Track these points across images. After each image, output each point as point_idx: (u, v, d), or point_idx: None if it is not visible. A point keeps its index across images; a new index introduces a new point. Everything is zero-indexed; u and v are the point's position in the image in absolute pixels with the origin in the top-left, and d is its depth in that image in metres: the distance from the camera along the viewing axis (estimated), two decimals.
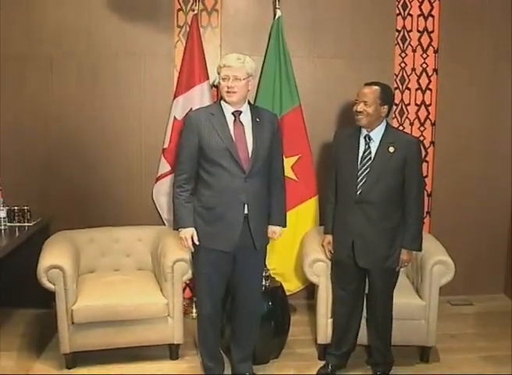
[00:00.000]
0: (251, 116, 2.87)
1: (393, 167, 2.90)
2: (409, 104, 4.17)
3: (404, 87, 4.15)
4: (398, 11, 4.07)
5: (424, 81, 4.15)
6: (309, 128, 3.90)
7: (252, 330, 3.09)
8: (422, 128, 4.20)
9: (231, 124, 2.83)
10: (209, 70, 3.79)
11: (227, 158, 2.77)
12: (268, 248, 3.09)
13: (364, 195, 2.91)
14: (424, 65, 4.14)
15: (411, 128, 4.17)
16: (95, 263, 3.62)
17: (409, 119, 4.18)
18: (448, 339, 3.61)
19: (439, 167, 4.23)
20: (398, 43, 4.10)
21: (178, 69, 3.89)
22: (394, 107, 4.03)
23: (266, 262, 3.16)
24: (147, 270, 3.64)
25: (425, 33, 4.10)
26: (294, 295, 3.98)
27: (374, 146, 2.94)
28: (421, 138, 4.15)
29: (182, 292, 3.32)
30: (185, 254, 3.19)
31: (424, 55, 4.13)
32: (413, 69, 4.13)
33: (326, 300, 3.27)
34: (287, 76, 3.84)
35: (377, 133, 2.95)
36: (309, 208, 3.92)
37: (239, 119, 2.85)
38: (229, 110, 2.84)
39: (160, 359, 3.30)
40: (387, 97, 2.95)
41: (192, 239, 2.85)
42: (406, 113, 4.17)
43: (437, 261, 3.25)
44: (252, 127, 2.85)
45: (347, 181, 2.98)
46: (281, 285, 3.46)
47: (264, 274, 3.23)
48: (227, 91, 2.78)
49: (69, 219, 3.88)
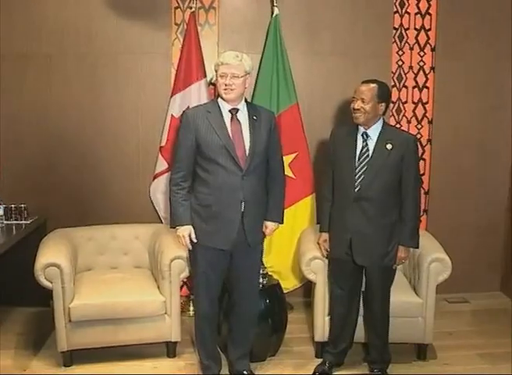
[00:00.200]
0: (248, 114, 2.87)
1: (391, 164, 2.90)
2: (406, 102, 4.17)
3: (401, 85, 4.15)
4: (395, 9, 4.07)
5: (421, 79, 4.15)
6: (306, 126, 3.91)
7: (249, 328, 3.09)
8: (419, 126, 4.20)
9: (228, 122, 2.83)
10: (206, 68, 3.79)
11: (224, 155, 2.77)
12: (266, 246, 3.09)
13: (363, 192, 2.91)
14: (421, 63, 4.14)
15: (408, 126, 4.18)
16: (92, 261, 3.61)
17: (406, 117, 4.18)
18: (445, 336, 3.61)
19: (436, 165, 4.24)
20: (395, 41, 4.10)
21: (175, 66, 3.89)
22: (391, 105, 4.05)
23: (263, 260, 3.16)
24: (144, 268, 3.63)
25: (423, 31, 4.10)
26: (291, 293, 3.98)
27: (371, 143, 2.94)
28: (418, 136, 4.15)
29: (179, 290, 3.32)
30: (182, 252, 3.19)
31: (421, 53, 4.12)
32: (410, 67, 4.13)
33: (323, 298, 3.28)
34: (284, 73, 3.84)
35: (374, 130, 2.95)
36: (306, 206, 3.93)
37: (236, 116, 2.84)
38: (226, 108, 2.84)
39: (157, 357, 3.30)
40: (384, 94, 2.95)
41: (189, 237, 2.85)
42: (403, 111, 4.17)
43: (434, 258, 3.26)
44: (249, 125, 2.84)
45: (345, 179, 2.97)
46: (278, 283, 3.46)
47: (261, 272, 3.23)
48: (225, 89, 2.78)
49: (67, 217, 3.89)
